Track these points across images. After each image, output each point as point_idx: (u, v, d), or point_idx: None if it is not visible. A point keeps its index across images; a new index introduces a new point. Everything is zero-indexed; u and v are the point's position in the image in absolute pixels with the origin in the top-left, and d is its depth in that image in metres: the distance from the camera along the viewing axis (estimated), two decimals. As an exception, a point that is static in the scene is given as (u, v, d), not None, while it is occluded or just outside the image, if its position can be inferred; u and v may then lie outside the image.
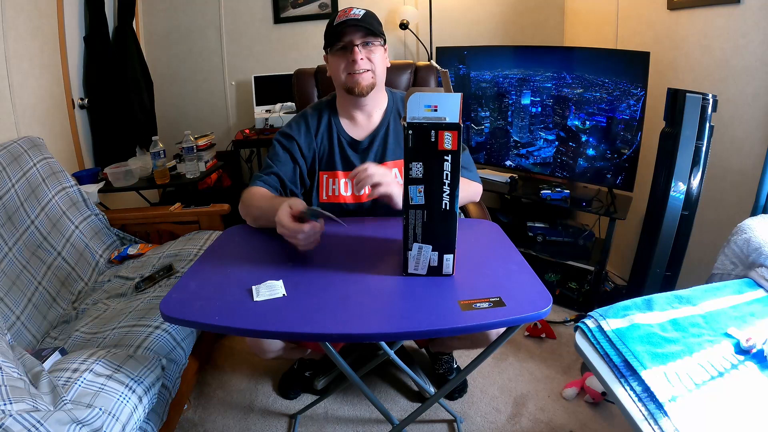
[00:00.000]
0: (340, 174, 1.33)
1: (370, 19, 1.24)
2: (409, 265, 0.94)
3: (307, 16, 2.92)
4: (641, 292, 1.55)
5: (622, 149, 1.95)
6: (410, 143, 0.84)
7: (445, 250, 0.91)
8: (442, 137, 0.82)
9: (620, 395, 0.89)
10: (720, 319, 1.07)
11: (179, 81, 3.08)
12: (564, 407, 1.53)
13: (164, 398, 1.20)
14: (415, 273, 0.94)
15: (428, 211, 0.88)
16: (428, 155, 0.83)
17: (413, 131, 0.83)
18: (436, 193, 0.86)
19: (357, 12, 1.24)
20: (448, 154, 0.83)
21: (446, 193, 0.85)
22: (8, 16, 1.85)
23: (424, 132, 0.82)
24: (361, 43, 1.22)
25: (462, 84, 2.43)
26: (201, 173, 2.31)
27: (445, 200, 0.86)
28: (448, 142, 0.82)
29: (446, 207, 0.86)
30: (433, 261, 0.92)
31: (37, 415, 0.82)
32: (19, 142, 1.66)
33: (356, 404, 1.58)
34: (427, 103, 0.82)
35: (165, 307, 0.88)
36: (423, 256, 0.92)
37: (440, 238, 0.90)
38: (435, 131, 0.82)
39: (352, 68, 1.23)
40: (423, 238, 0.90)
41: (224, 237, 1.21)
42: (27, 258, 1.48)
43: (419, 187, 0.86)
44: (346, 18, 1.22)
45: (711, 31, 1.72)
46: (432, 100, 0.82)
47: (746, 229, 1.28)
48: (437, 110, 0.82)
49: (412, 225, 0.90)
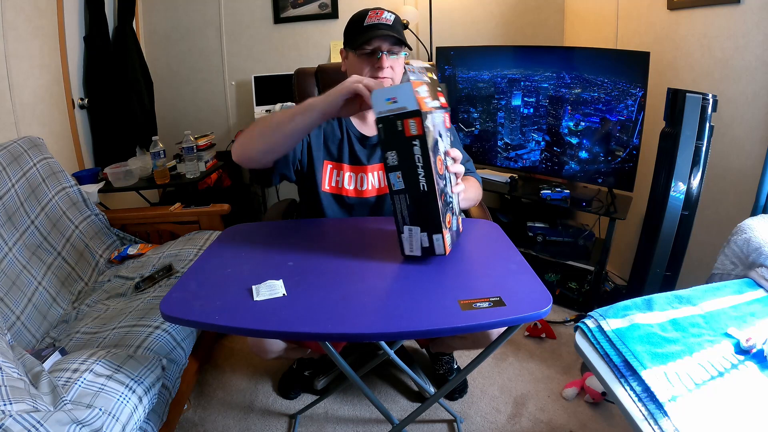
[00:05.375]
0: (346, 167, 1.33)
1: (399, 27, 1.23)
2: (404, 248, 0.99)
3: (307, 16, 2.92)
4: (641, 292, 1.55)
5: (622, 149, 1.95)
6: (382, 135, 0.91)
7: (433, 231, 0.95)
8: (407, 125, 0.89)
9: (620, 395, 0.89)
10: (720, 319, 1.07)
11: (179, 81, 3.08)
12: (564, 407, 1.53)
13: (164, 398, 1.20)
14: (412, 254, 0.98)
15: (409, 194, 0.93)
16: (399, 143, 0.90)
17: (383, 124, 0.90)
18: (412, 176, 0.91)
19: (388, 17, 1.22)
20: (416, 139, 0.89)
21: (421, 176, 0.91)
22: (8, 16, 1.85)
23: (391, 123, 0.89)
24: (388, 51, 1.21)
25: (460, 84, 2.43)
26: (201, 173, 2.31)
27: (422, 182, 0.91)
28: (413, 128, 0.88)
29: (424, 188, 0.91)
30: (425, 242, 0.96)
31: (37, 415, 0.82)
32: (19, 142, 1.66)
33: (356, 404, 1.58)
34: (387, 97, 0.89)
35: (165, 306, 0.88)
36: (414, 237, 0.96)
37: (426, 220, 0.94)
38: (400, 120, 0.89)
39: (375, 74, 1.22)
40: (410, 220, 0.95)
41: (224, 237, 1.21)
42: (27, 258, 1.48)
43: (397, 173, 0.92)
44: (378, 21, 1.20)
45: (711, 31, 1.72)
46: (390, 93, 0.89)
47: (746, 229, 1.28)
48: (397, 101, 0.88)
49: (399, 209, 0.96)
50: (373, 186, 1.33)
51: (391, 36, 1.20)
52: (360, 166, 1.33)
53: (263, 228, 1.28)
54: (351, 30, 1.26)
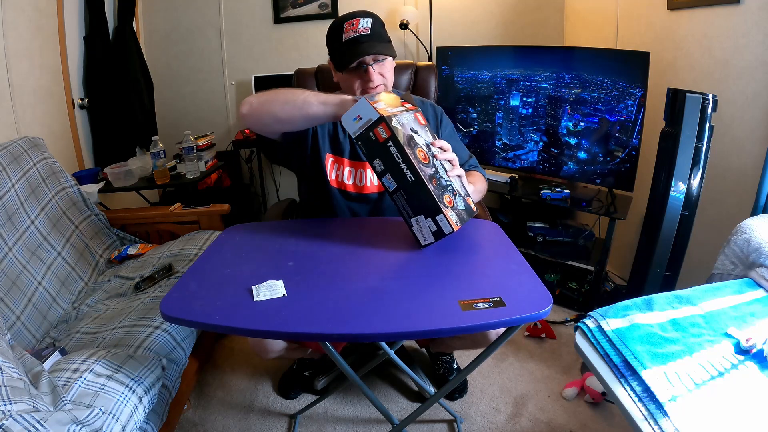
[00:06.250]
0: (347, 162, 1.34)
1: (378, 30, 1.21)
2: (419, 239, 1.05)
3: (307, 16, 2.92)
4: (641, 292, 1.55)
5: (621, 149, 1.95)
6: (364, 150, 1.01)
7: (434, 213, 1.01)
8: (378, 132, 0.99)
9: (620, 395, 0.89)
10: (720, 319, 1.07)
11: (179, 81, 3.08)
12: (564, 407, 1.53)
13: (164, 398, 1.20)
14: (427, 243, 1.05)
15: (403, 189, 1.01)
16: (378, 150, 1.00)
17: (360, 141, 1.01)
18: (398, 173, 1.00)
19: (364, 25, 1.19)
20: (389, 140, 0.98)
21: (405, 169, 0.99)
22: (8, 16, 1.85)
23: (365, 137, 1.00)
24: (373, 61, 1.20)
25: (460, 85, 2.43)
26: (201, 173, 2.31)
27: (408, 174, 0.99)
28: (383, 133, 0.98)
29: (411, 179, 1.00)
30: (432, 227, 1.02)
31: (37, 415, 0.82)
32: (19, 142, 1.66)
33: (356, 404, 1.58)
34: (353, 118, 1.00)
35: (165, 307, 0.88)
36: (422, 226, 1.03)
37: (424, 205, 1.01)
38: (371, 132, 0.99)
39: (367, 86, 1.22)
40: (413, 212, 1.03)
41: (224, 237, 1.21)
42: (27, 258, 1.48)
43: (387, 175, 1.02)
44: (355, 35, 1.18)
45: (711, 31, 1.72)
46: (354, 114, 1.00)
47: (746, 229, 1.28)
48: (362, 118, 1.00)
49: (401, 207, 1.04)
50: (372, 182, 1.34)
51: (372, 44, 1.18)
52: (359, 161, 1.33)
53: (263, 228, 1.28)
54: (331, 47, 1.24)
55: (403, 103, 1.12)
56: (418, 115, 1.12)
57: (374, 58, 1.20)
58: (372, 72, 1.20)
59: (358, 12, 1.22)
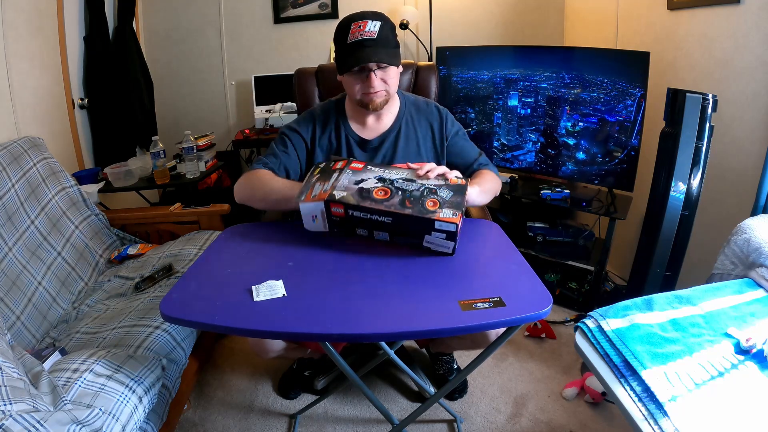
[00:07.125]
0: None
1: (386, 36, 1.17)
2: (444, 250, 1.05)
3: (307, 16, 2.93)
4: (641, 292, 1.55)
5: (620, 149, 1.95)
6: (342, 234, 1.09)
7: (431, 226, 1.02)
8: (336, 213, 1.05)
9: (620, 395, 0.89)
10: (720, 319, 1.07)
11: (179, 81, 3.08)
12: (564, 407, 1.53)
13: (164, 398, 1.20)
14: (453, 248, 1.04)
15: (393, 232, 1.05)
16: (350, 223, 1.06)
17: (336, 229, 1.08)
18: (378, 224, 1.04)
19: (372, 28, 1.14)
20: (348, 210, 1.04)
21: (378, 218, 1.03)
22: (8, 16, 1.85)
23: (335, 224, 1.07)
24: (377, 67, 1.18)
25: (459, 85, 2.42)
26: (201, 173, 2.31)
27: (384, 219, 1.03)
28: (339, 210, 1.05)
29: (390, 221, 1.03)
30: (440, 235, 1.02)
31: (37, 415, 0.82)
32: (19, 142, 1.66)
33: (356, 404, 1.58)
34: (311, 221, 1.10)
35: (165, 307, 0.88)
36: (433, 241, 1.04)
37: (419, 228, 1.03)
38: (332, 216, 1.06)
39: (367, 90, 1.21)
40: (417, 238, 1.04)
41: (224, 237, 1.21)
42: (27, 258, 1.48)
43: (374, 232, 1.06)
44: (362, 38, 1.14)
45: (711, 31, 1.72)
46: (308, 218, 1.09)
47: (746, 229, 1.28)
48: (316, 215, 1.08)
49: (406, 242, 1.06)
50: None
51: (378, 50, 1.15)
52: None
53: (263, 228, 1.28)
54: (337, 46, 1.22)
55: (333, 167, 1.17)
56: (348, 162, 1.18)
57: (378, 65, 1.18)
58: (373, 78, 1.19)
59: (368, 13, 1.18)
